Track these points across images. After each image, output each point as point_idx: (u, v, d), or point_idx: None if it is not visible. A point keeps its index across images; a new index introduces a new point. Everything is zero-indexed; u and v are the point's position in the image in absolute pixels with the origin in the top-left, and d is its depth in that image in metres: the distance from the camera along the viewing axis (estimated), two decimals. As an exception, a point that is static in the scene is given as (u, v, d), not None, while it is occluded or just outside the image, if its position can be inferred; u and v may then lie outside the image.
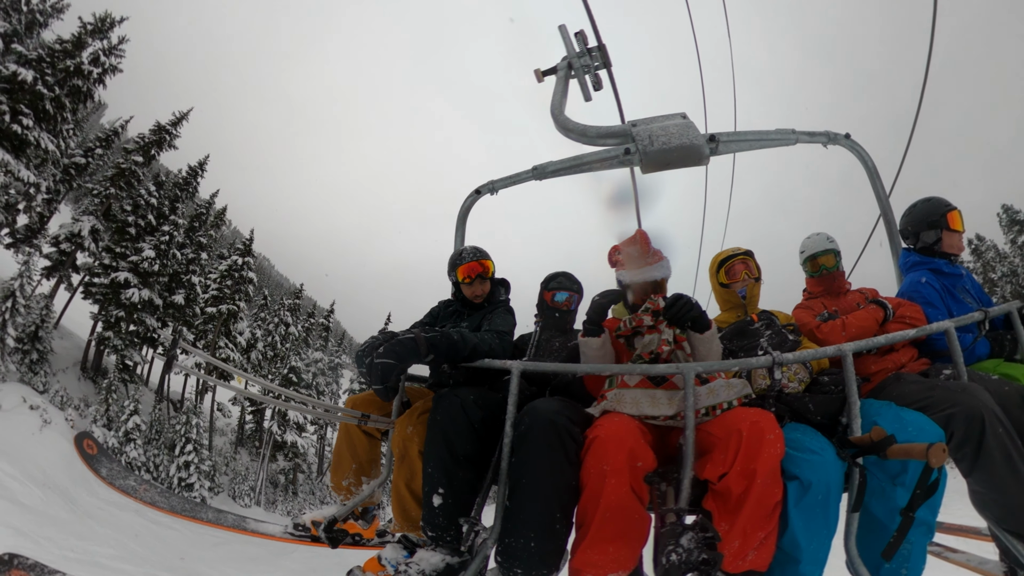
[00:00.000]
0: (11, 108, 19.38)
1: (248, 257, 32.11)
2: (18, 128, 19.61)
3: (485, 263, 2.92)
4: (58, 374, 21.89)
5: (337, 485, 2.78)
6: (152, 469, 23.21)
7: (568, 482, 1.85)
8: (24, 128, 19.71)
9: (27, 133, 19.76)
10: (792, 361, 2.02)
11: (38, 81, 20.07)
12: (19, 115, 19.62)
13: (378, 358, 2.01)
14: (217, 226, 33.74)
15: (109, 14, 23.36)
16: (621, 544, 1.77)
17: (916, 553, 1.86)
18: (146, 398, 25.47)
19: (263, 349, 33.82)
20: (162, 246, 25.94)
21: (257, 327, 34.65)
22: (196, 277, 28.93)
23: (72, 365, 23.94)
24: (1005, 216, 29.74)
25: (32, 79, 19.81)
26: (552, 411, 1.93)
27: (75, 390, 22.51)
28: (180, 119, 27.13)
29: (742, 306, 2.77)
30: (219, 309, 29.71)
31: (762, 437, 1.72)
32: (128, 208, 25.37)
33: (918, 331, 2.19)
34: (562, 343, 2.95)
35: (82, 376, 24.04)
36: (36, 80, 19.98)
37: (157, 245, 25.73)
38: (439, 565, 1.99)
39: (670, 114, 2.83)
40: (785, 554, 1.79)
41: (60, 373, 22.22)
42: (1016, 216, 29.39)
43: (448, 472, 2.02)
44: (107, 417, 21.91)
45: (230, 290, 30.64)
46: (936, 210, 2.82)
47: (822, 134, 3.19)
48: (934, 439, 1.77)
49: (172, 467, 23.72)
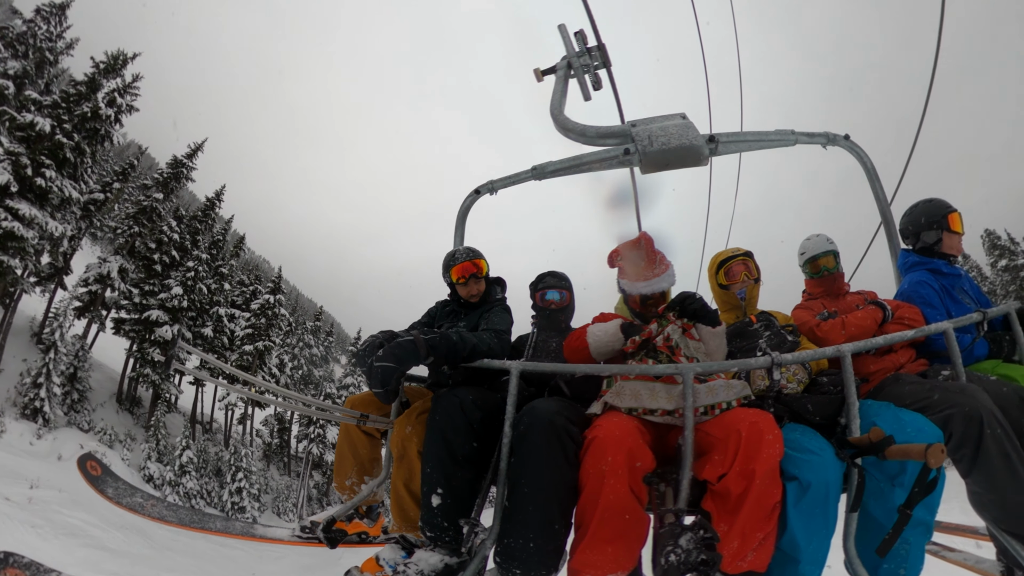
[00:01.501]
0: (32, 160, 19.23)
1: (279, 295, 33.59)
2: (42, 181, 19.43)
3: (478, 263, 2.91)
4: (97, 409, 23.53)
5: (340, 485, 2.78)
6: (206, 496, 25.10)
7: (567, 482, 1.85)
8: (47, 180, 19.54)
9: (51, 184, 19.60)
10: (791, 362, 2.02)
11: (56, 129, 19.84)
12: (41, 167, 19.54)
13: (377, 361, 2.01)
14: (236, 255, 34.82)
15: (122, 52, 23.08)
16: (620, 545, 1.77)
17: (914, 553, 1.86)
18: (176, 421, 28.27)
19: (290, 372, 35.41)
20: (188, 282, 27.30)
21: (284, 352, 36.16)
22: (222, 308, 30.20)
23: (108, 398, 25.47)
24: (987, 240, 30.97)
25: (50, 128, 19.64)
26: (551, 411, 1.93)
27: (115, 422, 24.16)
28: (195, 151, 27.84)
29: (741, 307, 2.77)
30: (256, 347, 31.20)
31: (761, 438, 1.72)
32: (152, 246, 26.12)
33: (916, 332, 2.19)
34: (559, 343, 2.95)
35: (119, 408, 25.65)
36: (54, 129, 19.85)
37: (183, 281, 27.13)
38: (437, 565, 1.99)
39: (670, 114, 2.82)
40: (784, 554, 1.79)
41: (99, 407, 23.85)
42: (997, 241, 31.49)
43: (447, 472, 2.01)
44: (158, 451, 23.93)
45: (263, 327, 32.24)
46: (938, 211, 2.83)
47: (821, 135, 3.19)
48: (933, 440, 1.78)
49: (224, 493, 25.71)
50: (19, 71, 20.66)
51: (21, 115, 19.39)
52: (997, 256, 31.63)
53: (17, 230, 18.56)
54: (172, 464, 23.87)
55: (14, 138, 19.15)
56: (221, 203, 30.94)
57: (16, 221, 18.57)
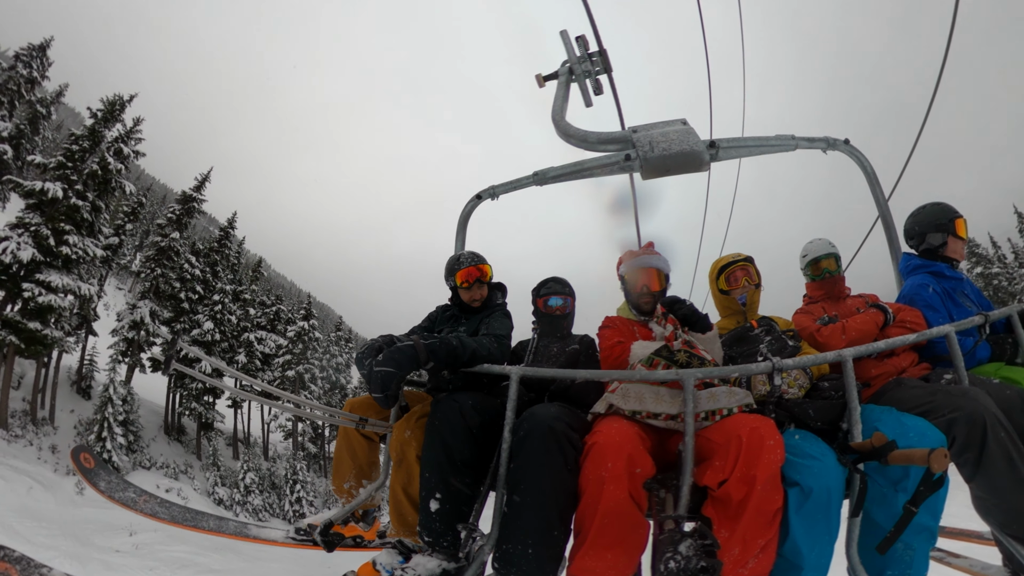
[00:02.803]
0: (53, 229, 18.94)
1: (312, 319, 35.44)
2: (67, 249, 19.32)
3: (483, 268, 2.93)
4: (150, 444, 24.75)
5: (338, 488, 2.77)
6: (270, 509, 27.16)
7: (566, 488, 1.84)
8: (71, 247, 19.45)
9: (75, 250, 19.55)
10: (792, 367, 2.01)
11: (68, 192, 19.45)
12: (63, 235, 19.23)
13: (377, 366, 2.00)
14: (256, 279, 35.98)
15: (119, 96, 22.22)
16: (619, 551, 1.75)
17: (919, 559, 1.84)
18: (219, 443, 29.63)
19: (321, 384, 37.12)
20: (216, 315, 28.62)
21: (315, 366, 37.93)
22: (250, 334, 31.68)
23: (157, 431, 26.82)
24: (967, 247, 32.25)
25: (63, 193, 19.19)
26: (551, 417, 1.93)
27: (168, 453, 25.84)
28: (203, 181, 28.19)
29: (742, 312, 2.76)
30: (296, 371, 32.93)
31: (762, 443, 1.71)
32: (176, 285, 27.04)
33: (918, 335, 2.18)
34: (560, 348, 2.94)
35: (169, 440, 27.22)
36: (66, 192, 19.36)
37: (212, 315, 28.39)
38: (435, 571, 1.97)
39: (670, 120, 2.83)
40: (787, 562, 1.77)
41: (151, 443, 25.12)
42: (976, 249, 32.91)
43: (445, 477, 2.01)
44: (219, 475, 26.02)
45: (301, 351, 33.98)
46: (945, 215, 2.83)
47: (821, 140, 3.19)
48: (936, 444, 1.76)
49: (284, 503, 27.76)
50: (13, 131, 20.56)
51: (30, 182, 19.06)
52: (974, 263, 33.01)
53: (54, 302, 18.57)
54: (237, 486, 26.13)
55: (27, 206, 18.94)
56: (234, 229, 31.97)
57: (51, 294, 18.56)
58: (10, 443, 18.69)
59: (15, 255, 17.63)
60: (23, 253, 17.78)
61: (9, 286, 17.86)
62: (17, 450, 18.55)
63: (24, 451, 18.94)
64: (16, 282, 17.92)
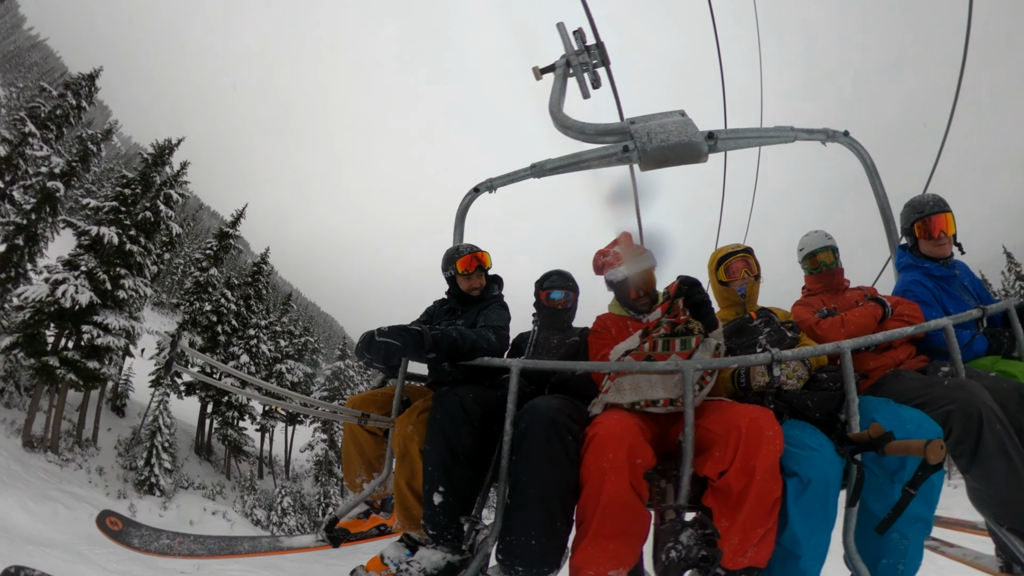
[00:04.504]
0: (109, 275, 19.91)
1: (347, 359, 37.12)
2: (123, 293, 20.19)
3: (482, 256, 2.97)
4: (184, 464, 25.92)
5: (351, 483, 2.80)
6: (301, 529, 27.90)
7: (568, 480, 1.85)
8: (127, 290, 20.27)
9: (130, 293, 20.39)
10: (791, 358, 2.02)
11: (122, 237, 20.50)
12: (119, 278, 20.24)
13: (380, 336, 2.05)
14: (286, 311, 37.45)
15: (169, 142, 23.64)
16: (621, 541, 1.78)
17: (913, 548, 1.87)
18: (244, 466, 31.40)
19: None
20: (252, 348, 30.23)
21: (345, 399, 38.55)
22: (281, 365, 33.03)
23: (189, 451, 28.04)
24: None
25: (118, 239, 20.31)
26: (552, 409, 1.94)
27: (200, 473, 27.27)
28: (238, 217, 29.93)
29: (741, 304, 2.76)
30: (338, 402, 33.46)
31: (761, 434, 1.72)
32: (213, 319, 28.15)
33: (916, 328, 2.19)
34: (560, 340, 2.96)
35: (200, 459, 28.64)
36: (120, 237, 20.43)
37: (248, 349, 29.92)
38: (440, 563, 2.00)
39: (669, 111, 2.82)
40: (785, 550, 1.79)
41: (185, 462, 26.32)
42: None
43: (448, 470, 2.02)
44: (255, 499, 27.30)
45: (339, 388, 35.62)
46: (908, 218, 2.77)
47: (821, 131, 3.18)
48: (932, 436, 1.78)
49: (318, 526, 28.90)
50: (65, 168, 21.37)
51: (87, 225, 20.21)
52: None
53: (112, 344, 19.74)
54: (275, 508, 27.27)
55: (79, 245, 20.00)
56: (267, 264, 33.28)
57: (109, 335, 19.64)
58: (62, 467, 19.60)
59: (74, 298, 18.63)
60: (81, 296, 18.81)
61: (69, 327, 18.95)
62: (69, 474, 19.48)
63: (75, 475, 19.90)
64: (76, 323, 18.98)
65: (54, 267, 19.54)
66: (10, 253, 20.32)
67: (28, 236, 20.66)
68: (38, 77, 50.23)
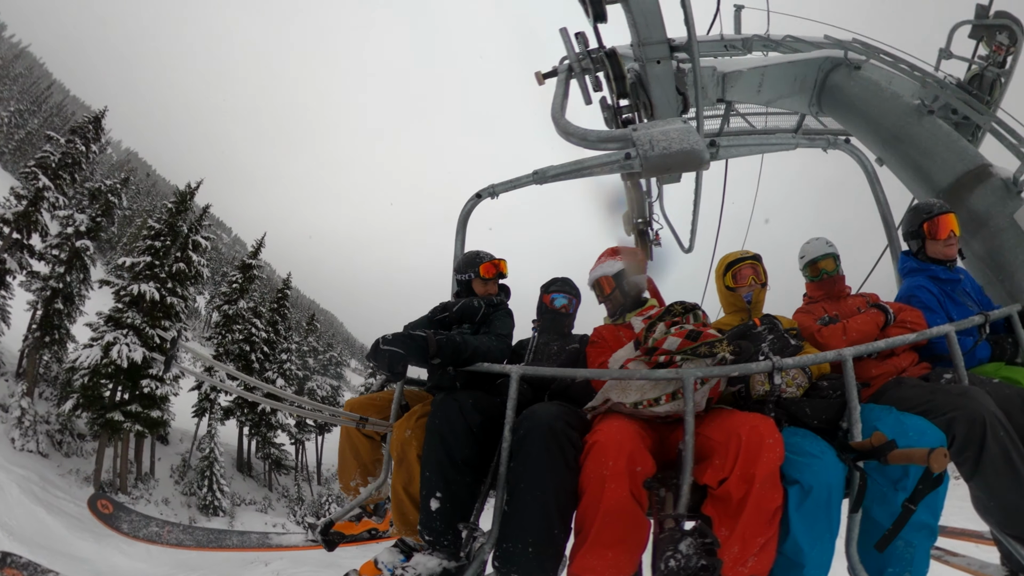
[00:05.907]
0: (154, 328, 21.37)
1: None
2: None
3: (501, 264, 3.08)
4: (230, 482, 26.76)
5: (346, 486, 2.80)
6: None
7: (567, 487, 1.84)
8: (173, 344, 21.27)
9: None
10: (792, 366, 2.00)
11: (160, 291, 21.85)
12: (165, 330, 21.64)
13: (385, 344, 2.06)
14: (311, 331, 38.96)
15: (189, 186, 25.11)
16: (620, 550, 1.76)
17: (919, 557, 1.85)
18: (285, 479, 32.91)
19: None
20: (286, 372, 32.05)
21: None
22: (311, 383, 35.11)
23: (231, 469, 29.19)
24: None
25: (159, 294, 21.78)
26: (551, 416, 1.93)
27: (246, 488, 28.89)
28: (259, 247, 31.76)
29: (746, 310, 2.76)
30: None
31: (761, 442, 1.71)
32: (246, 348, 29.68)
33: (919, 335, 2.18)
34: (560, 347, 2.95)
35: (243, 476, 30.21)
36: (159, 291, 21.81)
37: (283, 373, 31.68)
38: (436, 569, 1.98)
39: (671, 118, 2.83)
40: (788, 560, 1.77)
41: (231, 481, 27.26)
42: None
43: (446, 476, 2.01)
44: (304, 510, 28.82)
45: None
46: (915, 220, 2.78)
47: (822, 138, 3.18)
48: (935, 443, 1.76)
49: None
50: (90, 224, 22.40)
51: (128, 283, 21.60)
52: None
53: (168, 394, 21.73)
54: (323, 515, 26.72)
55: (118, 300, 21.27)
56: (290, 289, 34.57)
57: (165, 386, 21.37)
58: (134, 505, 20.33)
59: (129, 357, 20.04)
60: (135, 354, 20.22)
61: (127, 383, 20.45)
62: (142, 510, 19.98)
63: (147, 509, 20.59)
64: (132, 379, 20.50)
65: (97, 324, 20.93)
66: (51, 317, 21.57)
67: (65, 297, 21.79)
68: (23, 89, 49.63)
